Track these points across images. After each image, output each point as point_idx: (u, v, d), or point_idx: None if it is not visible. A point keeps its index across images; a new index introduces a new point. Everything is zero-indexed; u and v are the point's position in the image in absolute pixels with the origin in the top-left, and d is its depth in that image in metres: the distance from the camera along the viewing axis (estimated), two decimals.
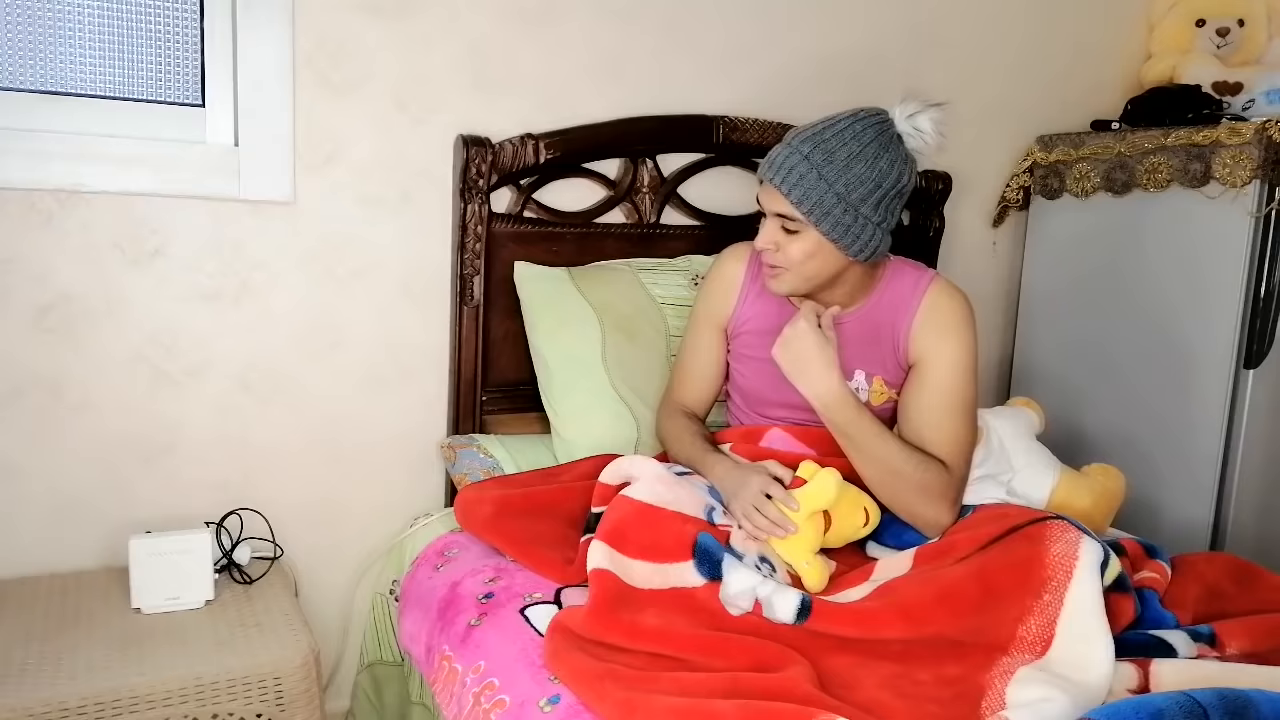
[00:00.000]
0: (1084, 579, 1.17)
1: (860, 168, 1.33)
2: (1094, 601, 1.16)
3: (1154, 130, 2.01)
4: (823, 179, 1.33)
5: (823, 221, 1.35)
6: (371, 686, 1.72)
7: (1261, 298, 1.87)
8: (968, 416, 1.44)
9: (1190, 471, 1.96)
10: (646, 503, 1.31)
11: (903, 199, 1.41)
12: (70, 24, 1.54)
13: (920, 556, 1.31)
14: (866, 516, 1.38)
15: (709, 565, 1.26)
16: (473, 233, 1.74)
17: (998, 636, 1.16)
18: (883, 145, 1.35)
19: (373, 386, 1.76)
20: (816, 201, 1.34)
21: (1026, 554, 1.21)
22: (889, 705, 1.08)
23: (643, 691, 1.07)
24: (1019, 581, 1.19)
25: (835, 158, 1.33)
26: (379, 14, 1.66)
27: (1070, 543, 1.20)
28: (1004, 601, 1.18)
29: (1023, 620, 1.16)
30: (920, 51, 2.16)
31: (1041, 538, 1.22)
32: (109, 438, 1.59)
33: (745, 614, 1.22)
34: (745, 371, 1.57)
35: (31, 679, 1.25)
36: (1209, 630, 1.24)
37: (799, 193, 1.34)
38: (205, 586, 1.47)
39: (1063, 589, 1.16)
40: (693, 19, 1.92)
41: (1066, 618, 1.15)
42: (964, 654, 1.15)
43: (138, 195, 1.55)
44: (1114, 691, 1.12)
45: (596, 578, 1.24)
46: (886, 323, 1.48)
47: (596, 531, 1.31)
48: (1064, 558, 1.19)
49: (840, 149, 1.34)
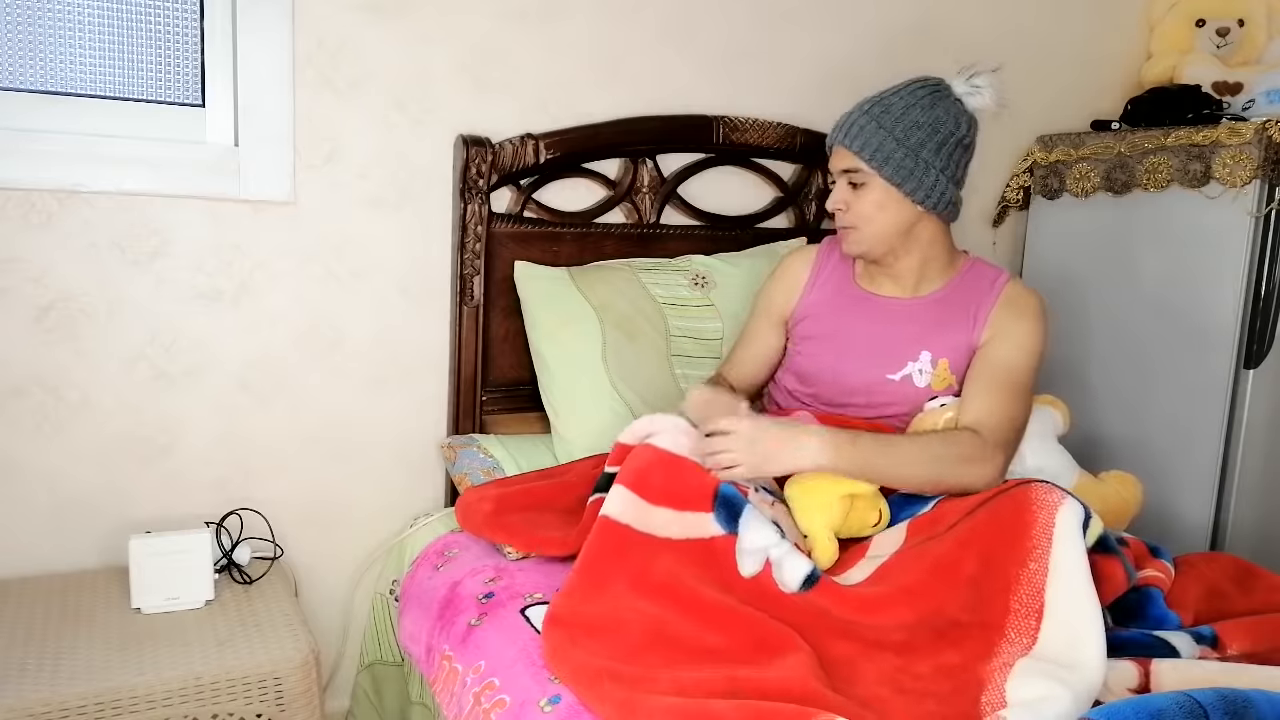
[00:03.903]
0: (1066, 541, 1.16)
1: (917, 113, 1.41)
2: (1078, 564, 1.15)
3: (1154, 130, 2.01)
4: (882, 127, 1.41)
5: (885, 165, 1.41)
6: (371, 686, 1.72)
7: (1261, 298, 1.87)
8: (1016, 396, 1.43)
9: (1190, 471, 1.96)
10: (670, 451, 1.31)
11: (966, 151, 1.46)
12: (70, 24, 1.54)
13: (913, 528, 1.30)
14: (879, 517, 1.38)
15: (728, 516, 1.26)
16: (473, 233, 1.74)
17: (992, 611, 1.15)
18: (938, 98, 1.43)
19: (373, 386, 1.76)
20: (877, 147, 1.41)
21: (1012, 518, 1.20)
22: (889, 702, 1.08)
23: (642, 691, 1.07)
24: (1007, 548, 1.18)
25: (892, 108, 1.42)
26: (379, 14, 1.66)
27: (1051, 505, 1.19)
28: (993, 569, 1.17)
29: (1013, 591, 1.15)
30: (921, 51, 2.16)
31: (1026, 501, 1.21)
32: (109, 438, 1.59)
33: (754, 575, 1.23)
34: (807, 351, 1.59)
35: (31, 679, 1.25)
36: (1211, 632, 1.24)
37: (860, 142, 1.42)
38: (205, 586, 1.47)
39: (1046, 555, 1.16)
40: (693, 19, 1.92)
41: (1054, 587, 1.14)
42: (963, 635, 1.14)
43: (138, 195, 1.55)
44: (1114, 690, 1.11)
45: (603, 527, 1.24)
46: (962, 307, 1.50)
47: (618, 476, 1.30)
48: (1046, 523, 1.18)
49: (898, 101, 1.43)
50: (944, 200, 1.45)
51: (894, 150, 1.41)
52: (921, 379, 1.49)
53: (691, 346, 1.77)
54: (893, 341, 1.51)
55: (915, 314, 1.52)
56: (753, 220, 2.03)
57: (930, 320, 1.51)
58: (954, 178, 1.45)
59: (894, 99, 1.43)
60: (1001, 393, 1.42)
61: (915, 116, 1.41)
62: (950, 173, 1.44)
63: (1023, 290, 1.53)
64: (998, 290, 1.51)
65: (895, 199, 1.43)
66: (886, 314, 1.53)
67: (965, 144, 1.46)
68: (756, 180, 2.03)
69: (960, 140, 1.44)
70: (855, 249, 1.50)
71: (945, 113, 1.42)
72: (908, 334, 1.50)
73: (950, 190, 1.45)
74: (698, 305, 1.81)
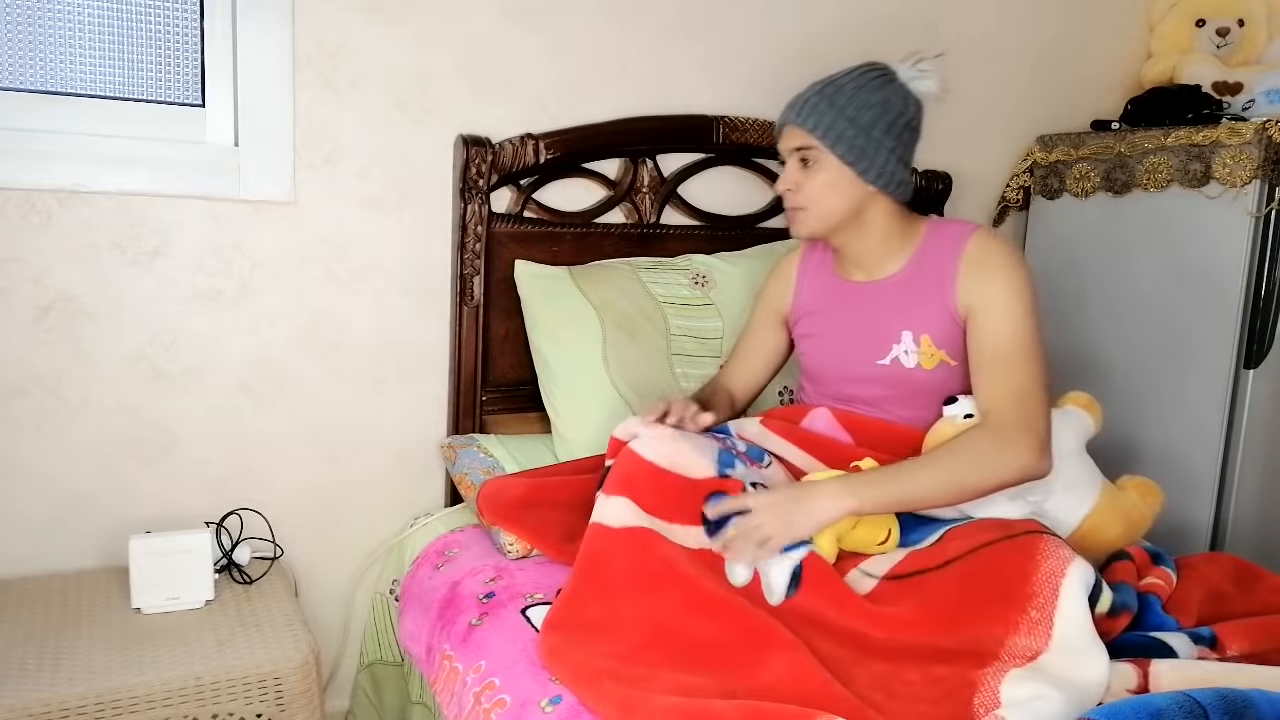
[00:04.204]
0: (1070, 597, 1.13)
1: (868, 94, 1.41)
2: (1083, 619, 1.12)
3: (1154, 130, 2.01)
4: (834, 106, 1.41)
5: (838, 144, 1.41)
6: (371, 686, 1.72)
7: (1261, 298, 1.87)
8: (1027, 362, 1.35)
9: (1191, 471, 1.96)
10: (653, 463, 1.31)
11: (914, 133, 1.46)
12: (70, 24, 1.54)
13: (911, 555, 1.27)
14: (888, 536, 1.33)
15: (717, 527, 1.28)
16: (473, 233, 1.74)
17: (983, 650, 1.12)
18: (886, 81, 1.44)
19: (373, 386, 1.76)
20: (829, 125, 1.41)
21: (1015, 565, 1.17)
22: (882, 706, 1.08)
23: (642, 690, 1.07)
24: (1003, 593, 1.15)
25: (844, 89, 1.42)
26: (379, 14, 1.66)
27: (1062, 560, 1.16)
28: (986, 613, 1.14)
29: (1011, 633, 1.12)
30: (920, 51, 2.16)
31: (1033, 551, 1.18)
32: (109, 438, 1.59)
33: (747, 585, 1.24)
34: (807, 350, 1.59)
35: (31, 679, 1.24)
36: (1210, 633, 1.23)
37: (813, 120, 1.42)
38: (205, 586, 1.47)
39: (1050, 607, 1.13)
40: (692, 19, 1.92)
41: (1058, 634, 1.11)
42: (951, 657, 1.13)
43: (138, 195, 1.55)
44: (1113, 691, 1.11)
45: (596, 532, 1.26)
46: (931, 276, 1.45)
47: (607, 484, 1.31)
48: (1052, 575, 1.15)
49: (849, 83, 1.43)
50: (894, 179, 1.44)
51: (846, 129, 1.40)
52: (909, 359, 1.45)
53: (692, 346, 1.77)
54: (873, 328, 1.48)
55: (886, 296, 1.48)
56: (752, 220, 2.03)
57: (901, 299, 1.47)
58: (903, 158, 1.45)
59: (845, 80, 1.44)
60: (1000, 370, 1.36)
61: (866, 97, 1.41)
62: (900, 153, 1.44)
63: (986, 244, 1.43)
64: (961, 250, 1.44)
65: (847, 178, 1.43)
66: (862, 300, 1.51)
67: (913, 126, 1.46)
68: (756, 180, 2.03)
69: (909, 122, 1.45)
70: (804, 229, 1.48)
71: (894, 94, 1.43)
72: (884, 317, 1.47)
73: (900, 170, 1.44)
74: (698, 304, 1.81)
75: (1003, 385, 1.35)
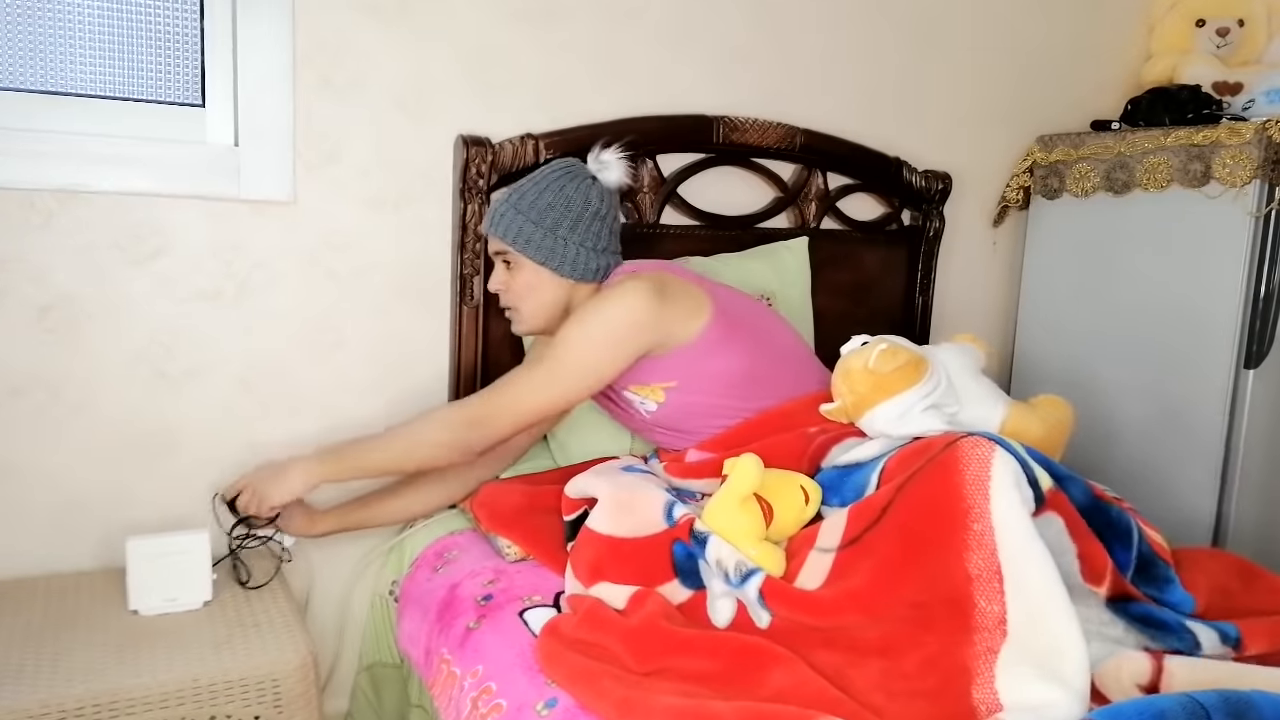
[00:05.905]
0: (1001, 497, 1.12)
1: (549, 195, 1.52)
2: (1016, 517, 1.11)
3: (1154, 130, 2.01)
4: (520, 213, 1.52)
5: (527, 247, 1.51)
6: (370, 687, 1.72)
7: (1261, 298, 1.87)
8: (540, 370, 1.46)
9: (1191, 472, 1.96)
10: (610, 536, 1.34)
11: (603, 221, 1.54)
12: (70, 24, 1.53)
13: (853, 513, 1.25)
14: (806, 495, 1.32)
15: (691, 578, 1.28)
16: (473, 232, 1.73)
17: (953, 582, 1.11)
18: (569, 177, 1.54)
19: (373, 386, 1.76)
20: (518, 231, 1.51)
21: (941, 487, 1.16)
22: (882, 708, 1.07)
23: (642, 691, 1.07)
24: (946, 516, 1.14)
25: (527, 194, 1.53)
26: (379, 14, 1.66)
27: (982, 459, 1.15)
28: (939, 541, 1.13)
29: (966, 557, 1.11)
30: (920, 51, 2.17)
31: (954, 463, 1.17)
32: (109, 438, 1.59)
33: (731, 620, 1.23)
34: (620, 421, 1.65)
35: (29, 680, 1.24)
36: (1236, 633, 1.21)
37: (502, 228, 1.52)
38: (203, 588, 1.46)
39: (987, 513, 1.12)
40: (692, 19, 1.91)
41: (1005, 549, 1.10)
42: (933, 615, 1.11)
43: (138, 195, 1.55)
44: (1124, 684, 1.11)
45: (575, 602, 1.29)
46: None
47: (574, 569, 1.35)
48: (978, 478, 1.14)
49: (531, 188, 1.54)
50: (588, 269, 1.53)
51: (532, 232, 1.50)
52: (647, 406, 1.54)
53: None
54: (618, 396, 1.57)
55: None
56: (753, 220, 2.02)
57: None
58: (595, 247, 1.54)
59: (528, 185, 1.54)
60: (521, 373, 1.49)
61: (548, 199, 1.51)
62: (590, 243, 1.53)
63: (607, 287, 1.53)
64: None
65: (545, 275, 1.52)
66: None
67: (601, 215, 1.54)
68: (756, 180, 2.03)
69: (596, 213, 1.53)
70: (521, 328, 1.59)
71: (575, 190, 1.52)
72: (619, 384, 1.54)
73: (593, 258, 1.53)
74: None
75: (499, 387, 1.49)
